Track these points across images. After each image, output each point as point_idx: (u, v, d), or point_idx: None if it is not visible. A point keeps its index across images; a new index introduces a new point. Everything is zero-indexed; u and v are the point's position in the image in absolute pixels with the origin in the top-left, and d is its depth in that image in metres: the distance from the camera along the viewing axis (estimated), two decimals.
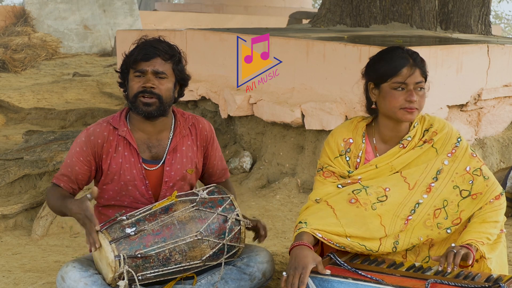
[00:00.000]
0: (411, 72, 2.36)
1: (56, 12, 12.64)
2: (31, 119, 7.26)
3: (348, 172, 2.45)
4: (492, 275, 2.15)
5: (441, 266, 2.19)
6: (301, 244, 2.24)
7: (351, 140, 2.50)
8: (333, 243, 2.31)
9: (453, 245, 2.28)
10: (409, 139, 2.44)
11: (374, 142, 2.50)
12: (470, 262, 2.20)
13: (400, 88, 2.36)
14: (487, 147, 4.85)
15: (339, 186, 2.45)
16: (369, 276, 2.13)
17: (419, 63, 2.40)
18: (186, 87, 2.66)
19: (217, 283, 2.46)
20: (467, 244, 2.27)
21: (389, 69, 2.38)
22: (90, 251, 2.48)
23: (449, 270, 2.15)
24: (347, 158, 2.49)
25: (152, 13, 16.28)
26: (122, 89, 2.64)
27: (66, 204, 2.37)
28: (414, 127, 2.46)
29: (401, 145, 2.44)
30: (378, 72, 2.42)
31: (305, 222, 2.34)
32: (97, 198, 2.65)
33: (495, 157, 4.87)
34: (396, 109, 2.38)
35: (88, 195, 2.28)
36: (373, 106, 2.48)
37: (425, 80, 2.42)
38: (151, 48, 2.50)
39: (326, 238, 2.30)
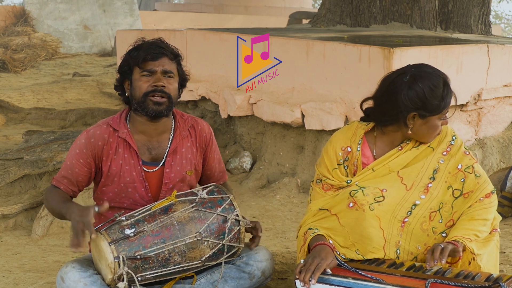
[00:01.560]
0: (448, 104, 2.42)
1: (56, 12, 12.65)
2: (31, 119, 7.26)
3: (347, 182, 2.45)
4: (492, 274, 2.15)
5: (428, 264, 2.18)
6: (324, 244, 2.29)
7: (349, 149, 2.48)
8: (339, 253, 2.33)
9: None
10: (408, 142, 2.45)
11: (374, 152, 2.48)
12: (458, 256, 2.21)
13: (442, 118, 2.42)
14: (487, 147, 4.85)
15: None
16: (369, 275, 2.13)
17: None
18: (185, 88, 2.65)
19: (216, 282, 2.46)
20: (453, 240, 2.27)
21: (439, 106, 2.38)
22: (90, 251, 2.48)
23: (434, 264, 2.16)
24: (346, 167, 2.49)
25: (152, 13, 16.29)
26: (118, 92, 2.60)
27: (68, 206, 2.34)
28: None
29: (399, 148, 2.45)
30: (424, 105, 2.37)
31: (316, 228, 2.38)
32: (97, 200, 2.65)
33: (495, 157, 4.87)
34: (432, 136, 2.44)
35: (96, 208, 2.25)
36: (409, 132, 2.41)
37: None
38: (158, 48, 2.50)
39: (334, 248, 2.33)
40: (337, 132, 2.57)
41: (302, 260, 2.21)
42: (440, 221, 2.37)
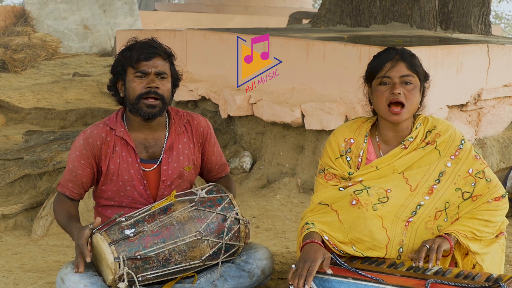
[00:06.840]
0: (393, 65, 2.35)
1: (56, 12, 12.65)
2: (31, 119, 7.27)
3: (349, 174, 2.45)
4: (492, 274, 2.14)
5: (414, 262, 2.19)
6: (312, 242, 2.26)
7: (352, 140, 2.49)
8: (337, 249, 2.32)
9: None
10: (411, 139, 2.42)
11: (377, 141, 2.48)
12: (447, 251, 2.22)
13: (383, 83, 2.37)
14: (487, 147, 4.85)
15: (341, 189, 2.44)
16: (369, 276, 2.13)
17: (405, 57, 2.38)
18: (179, 88, 2.66)
19: (216, 281, 2.46)
20: (446, 234, 2.27)
21: (374, 66, 2.41)
22: (90, 252, 2.48)
23: (420, 265, 2.17)
24: (348, 159, 2.48)
25: (152, 13, 16.28)
26: (111, 92, 2.61)
27: (69, 227, 2.44)
28: (416, 128, 2.44)
29: (403, 146, 2.42)
30: (366, 71, 2.46)
31: (312, 223, 2.35)
32: (97, 199, 2.66)
33: (495, 157, 4.87)
34: (383, 106, 2.38)
35: (90, 225, 2.32)
36: (371, 107, 2.49)
37: (418, 76, 2.40)
38: (151, 48, 2.50)
39: (331, 243, 2.31)
40: (341, 125, 2.58)
41: (293, 265, 2.19)
42: (446, 220, 2.36)
